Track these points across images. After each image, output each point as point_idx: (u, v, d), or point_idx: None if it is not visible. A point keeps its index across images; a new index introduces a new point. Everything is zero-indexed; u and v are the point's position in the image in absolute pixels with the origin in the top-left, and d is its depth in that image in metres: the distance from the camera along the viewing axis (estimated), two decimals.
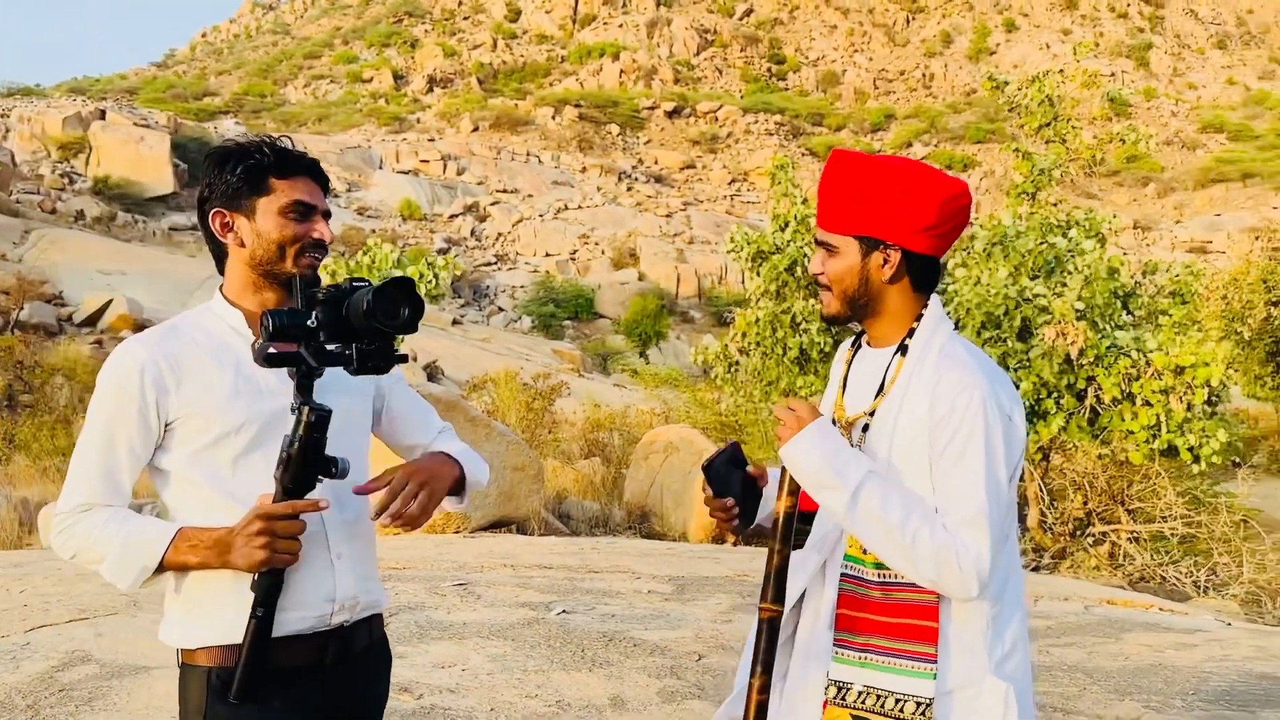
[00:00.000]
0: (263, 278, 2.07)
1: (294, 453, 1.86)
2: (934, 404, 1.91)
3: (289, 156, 2.07)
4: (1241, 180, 78.17)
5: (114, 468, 1.98)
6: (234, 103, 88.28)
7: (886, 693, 1.90)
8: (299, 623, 2.00)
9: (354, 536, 2.10)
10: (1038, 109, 13.26)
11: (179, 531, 1.93)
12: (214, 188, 2.07)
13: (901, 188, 1.95)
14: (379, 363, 1.89)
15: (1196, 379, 9.86)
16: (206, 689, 1.96)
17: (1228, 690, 5.06)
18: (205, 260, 21.04)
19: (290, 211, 2.04)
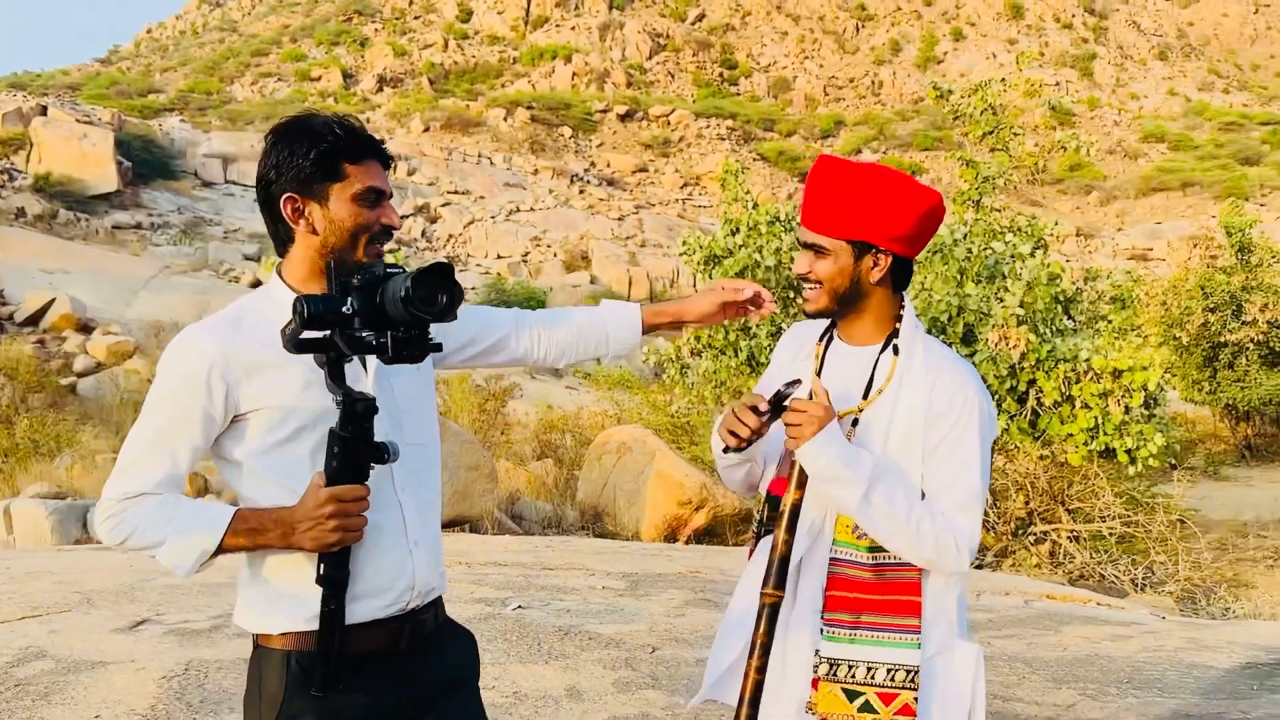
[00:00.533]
0: (330, 264, 1.98)
1: (343, 444, 1.83)
2: (932, 400, 2.08)
3: (360, 139, 2.00)
4: (1181, 189, 79.74)
5: (172, 460, 1.95)
6: (179, 100, 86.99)
7: (877, 664, 2.05)
8: (378, 610, 2.00)
9: (428, 522, 2.12)
10: (981, 117, 13.53)
11: (236, 514, 1.91)
12: (282, 170, 1.97)
13: (892, 196, 2.06)
14: (413, 351, 1.83)
15: (1134, 383, 10.15)
16: (285, 674, 1.95)
17: (1160, 679, 5.27)
18: (149, 259, 20.82)
19: (363, 198, 1.98)
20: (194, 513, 1.92)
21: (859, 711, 2.04)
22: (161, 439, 1.95)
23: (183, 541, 1.91)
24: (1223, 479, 20.96)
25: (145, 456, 1.95)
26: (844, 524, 2.09)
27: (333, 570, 1.89)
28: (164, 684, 4.65)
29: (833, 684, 2.05)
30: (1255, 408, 23.43)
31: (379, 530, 1.99)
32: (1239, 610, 9.96)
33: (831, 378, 2.17)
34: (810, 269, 2.13)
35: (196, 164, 55.23)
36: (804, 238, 2.14)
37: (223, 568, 6.48)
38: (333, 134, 1.97)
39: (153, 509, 1.93)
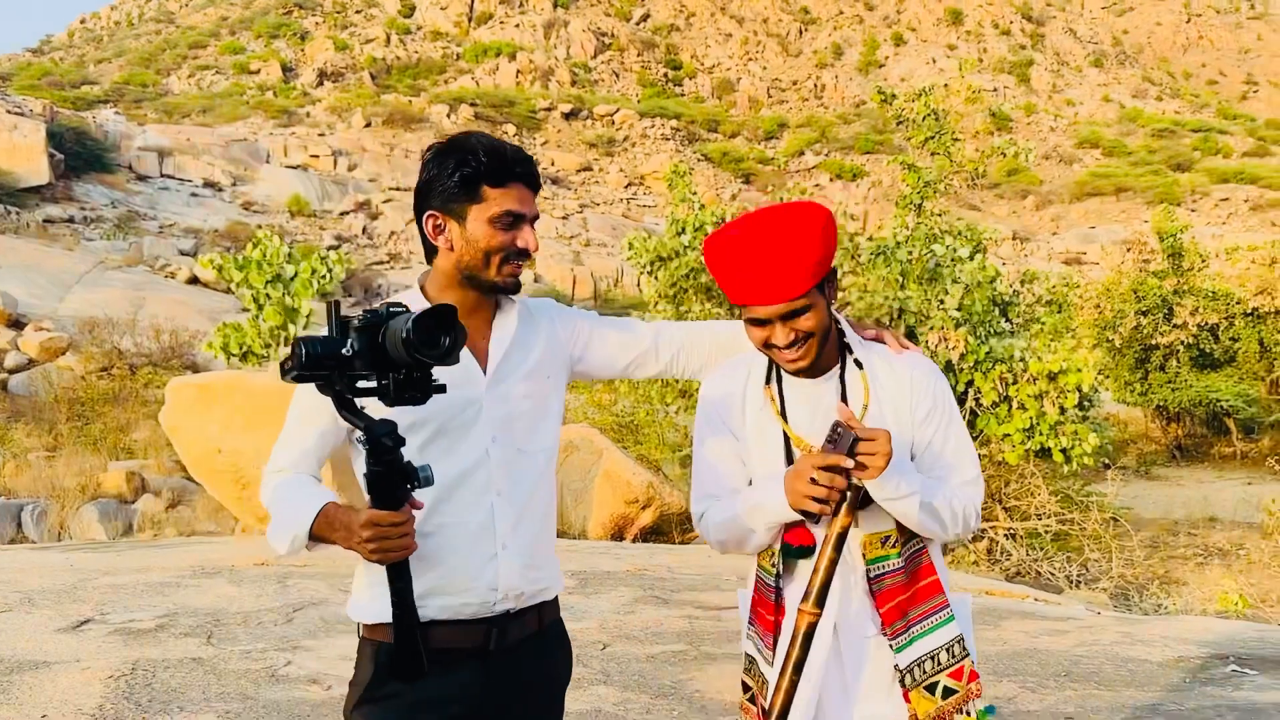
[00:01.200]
0: (465, 280, 2.11)
1: (373, 475, 1.84)
2: (915, 402, 2.19)
3: (504, 163, 2.07)
4: (1115, 194, 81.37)
5: (303, 443, 2.11)
6: (114, 92, 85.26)
7: (938, 649, 2.15)
8: (461, 609, 2.07)
9: (523, 524, 2.14)
10: (923, 122, 13.74)
11: (323, 508, 1.97)
12: (431, 187, 2.10)
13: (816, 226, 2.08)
14: (414, 393, 1.83)
15: (1068, 384, 10.38)
16: (374, 663, 2.06)
17: (1096, 671, 5.42)
18: (83, 254, 20.37)
19: (499, 221, 2.07)
20: (302, 499, 2.02)
21: (943, 699, 2.14)
22: (298, 425, 2.12)
23: (281, 525, 2.03)
24: (1154, 478, 21.46)
25: (286, 436, 2.13)
26: (870, 541, 2.16)
27: (393, 579, 1.91)
28: (111, 683, 4.61)
29: (917, 687, 2.14)
30: (1185, 409, 24.00)
31: (462, 530, 2.07)
32: (1171, 606, 10.22)
33: (802, 414, 2.18)
34: (794, 334, 2.10)
35: (131, 157, 54.28)
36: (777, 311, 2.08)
37: (168, 567, 6.39)
38: (478, 158, 2.05)
39: (281, 487, 2.09)
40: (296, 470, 2.12)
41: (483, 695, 2.08)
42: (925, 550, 2.19)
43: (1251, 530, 15.08)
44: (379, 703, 2.05)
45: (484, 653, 2.09)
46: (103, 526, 11.32)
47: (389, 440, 1.81)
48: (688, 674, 5.14)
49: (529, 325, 2.23)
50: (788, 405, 2.20)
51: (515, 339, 2.17)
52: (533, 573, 2.15)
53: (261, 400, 9.68)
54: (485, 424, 2.10)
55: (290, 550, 2.03)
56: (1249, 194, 78.74)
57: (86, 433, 16.91)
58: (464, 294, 2.13)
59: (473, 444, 2.09)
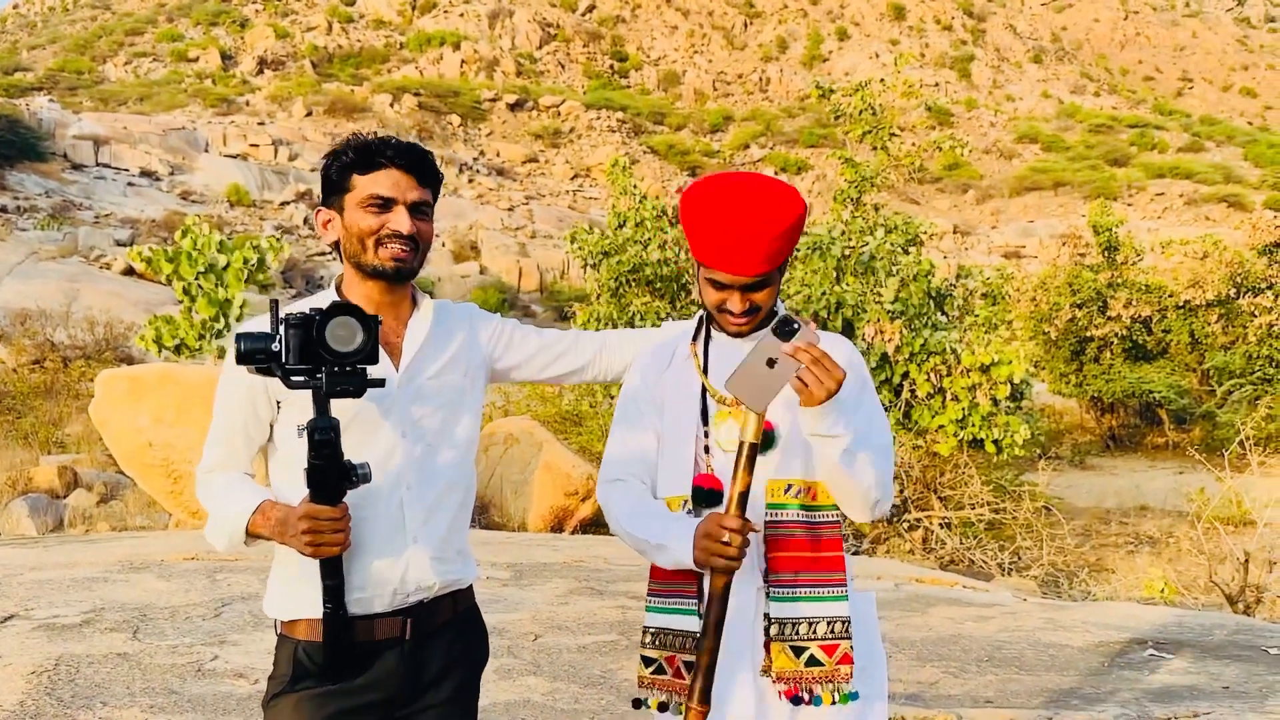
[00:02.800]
0: (356, 270, 2.19)
1: (312, 469, 1.89)
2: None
3: (371, 151, 2.15)
4: (1053, 189, 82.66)
5: (231, 441, 2.18)
6: (48, 79, 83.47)
7: (818, 619, 2.18)
8: (376, 602, 2.11)
9: (433, 518, 2.19)
10: (861, 117, 13.87)
11: (259, 505, 2.05)
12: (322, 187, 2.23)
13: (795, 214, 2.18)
14: (348, 387, 1.89)
15: (1000, 376, 10.57)
16: (292, 660, 2.11)
17: (1018, 657, 5.54)
18: (15, 244, 19.96)
19: (368, 205, 2.13)
20: (236, 498, 2.09)
21: (805, 666, 2.17)
22: (222, 421, 2.19)
23: (217, 523, 2.10)
24: (1088, 468, 21.86)
25: (214, 435, 2.20)
26: (774, 487, 2.21)
27: (326, 578, 1.97)
28: (33, 679, 4.55)
29: (781, 643, 2.17)
30: (1119, 400, 24.45)
31: (372, 525, 2.10)
32: (1098, 593, 10.44)
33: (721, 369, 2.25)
34: (749, 303, 2.22)
35: (66, 146, 53.18)
36: (741, 281, 2.18)
37: (96, 562, 6.32)
38: (347, 150, 2.17)
39: (214, 486, 2.16)
40: (227, 468, 2.18)
41: (399, 682, 2.12)
42: (837, 525, 2.24)
43: (1181, 519, 15.43)
44: (297, 694, 2.08)
45: (400, 642, 2.13)
46: (33, 522, 11.12)
47: (331, 434, 1.86)
48: (618, 663, 5.18)
49: (445, 323, 2.29)
50: (710, 363, 2.29)
51: (429, 336, 2.22)
52: (443, 565, 2.19)
53: (193, 392, 9.57)
54: (396, 419, 2.14)
55: (228, 548, 2.10)
56: (1183, 189, 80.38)
57: (17, 426, 16.59)
58: (368, 288, 2.19)
59: (383, 439, 2.13)
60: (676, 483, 2.25)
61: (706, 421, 2.25)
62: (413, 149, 2.19)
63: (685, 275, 13.08)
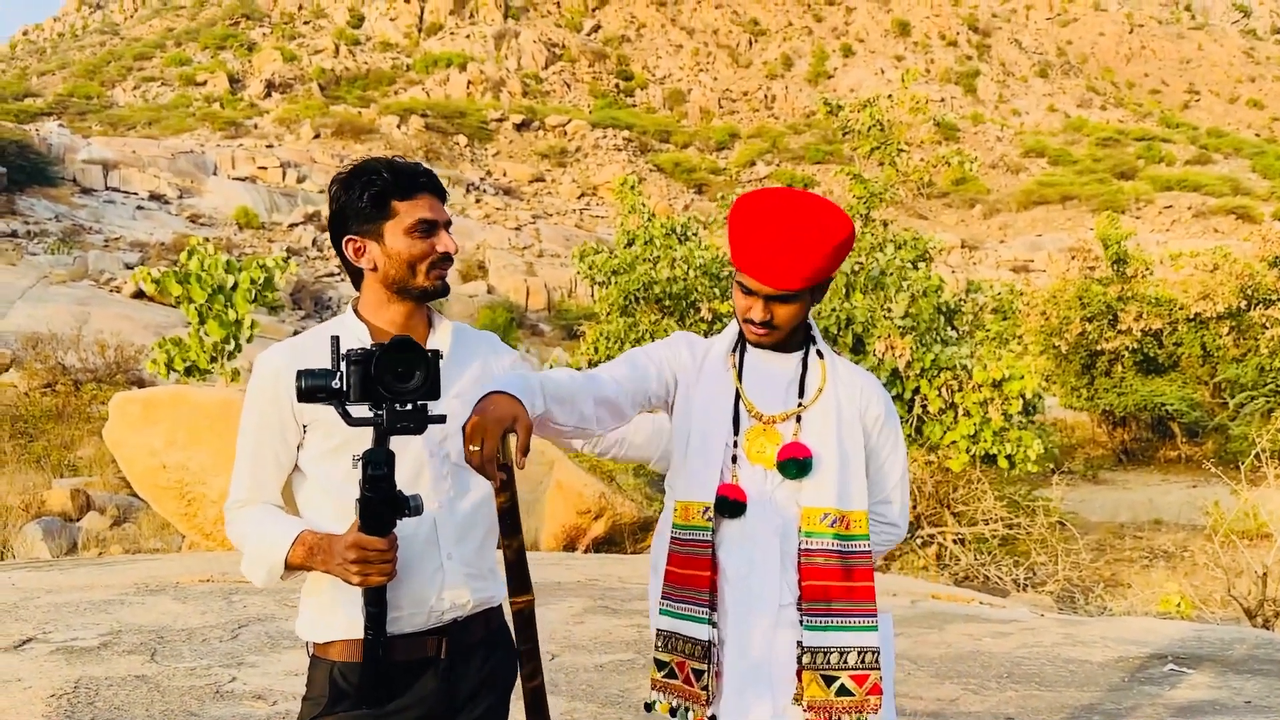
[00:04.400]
0: (396, 294, 2.18)
1: (363, 501, 1.89)
2: (867, 405, 2.32)
3: (407, 176, 2.16)
4: (1060, 202, 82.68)
5: (259, 469, 2.15)
6: (58, 104, 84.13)
7: (849, 649, 2.20)
8: (409, 622, 2.11)
9: (466, 536, 2.20)
10: (868, 133, 13.89)
11: (299, 535, 2.05)
12: (345, 215, 2.18)
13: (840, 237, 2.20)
14: (408, 423, 1.88)
15: (1012, 391, 10.53)
16: (328, 681, 2.11)
17: (1037, 673, 5.51)
18: (26, 269, 19.94)
19: (415, 230, 2.14)
20: (270, 529, 2.09)
21: (836, 695, 2.18)
22: (250, 449, 2.17)
23: (256, 556, 2.09)
24: (1101, 482, 21.77)
25: (240, 466, 2.17)
26: (810, 515, 2.22)
27: (370, 604, 1.98)
28: (52, 702, 4.55)
29: (813, 671, 2.18)
30: (1131, 413, 24.35)
31: (408, 544, 2.09)
32: (1115, 608, 10.38)
33: (757, 383, 2.30)
34: (769, 316, 2.23)
35: (75, 170, 53.50)
36: (767, 291, 2.21)
37: (112, 585, 6.32)
38: (381, 177, 2.14)
39: (247, 520, 2.13)
40: (257, 501, 2.16)
41: (435, 701, 2.14)
42: (869, 555, 2.25)
43: (1196, 533, 15.36)
44: (336, 717, 2.10)
45: (435, 661, 2.15)
46: (46, 545, 11.13)
47: (385, 469, 1.87)
48: (635, 683, 5.16)
49: (465, 345, 2.30)
50: (746, 371, 2.31)
51: (450, 356, 2.23)
52: (476, 583, 2.21)
53: (206, 415, 9.58)
54: (422, 439, 2.13)
55: (266, 581, 2.09)
56: (1191, 201, 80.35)
57: (30, 450, 16.62)
58: (394, 311, 2.20)
59: (411, 459, 2.12)
60: (700, 488, 2.26)
61: (737, 431, 2.26)
62: (431, 172, 2.23)
63: (694, 293, 13.09)
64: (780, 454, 2.22)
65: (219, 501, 9.69)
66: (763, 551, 2.22)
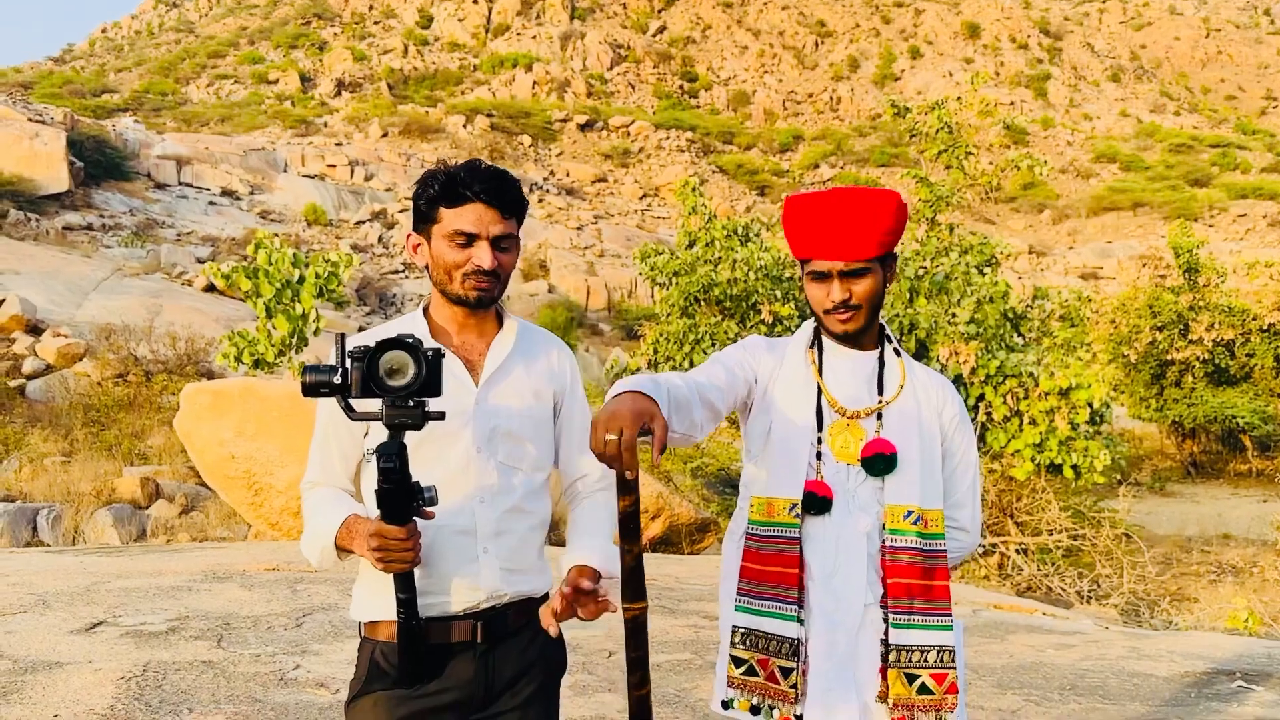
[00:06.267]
0: (443, 295, 2.26)
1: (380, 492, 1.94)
2: (945, 407, 2.35)
3: (455, 185, 2.20)
4: (1132, 209, 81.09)
5: (327, 457, 2.26)
6: (134, 100, 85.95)
7: (930, 647, 2.21)
8: (444, 606, 2.18)
9: (506, 532, 2.25)
10: (936, 136, 13.75)
11: (345, 520, 2.12)
12: (414, 211, 2.30)
13: (893, 205, 2.25)
14: (405, 420, 1.92)
15: (1080, 400, 10.36)
16: (370, 660, 2.19)
17: (1101, 686, 5.42)
18: (100, 261, 20.42)
19: (452, 240, 2.21)
20: (327, 513, 2.16)
21: (917, 694, 2.19)
22: (320, 439, 2.28)
23: (312, 538, 2.17)
24: (1168, 495, 21.36)
25: (314, 451, 2.28)
26: (894, 512, 2.23)
27: (399, 591, 2.05)
28: (122, 684, 4.66)
29: (897, 670, 2.19)
30: (1201, 425, 23.89)
31: (447, 532, 2.17)
32: (1181, 623, 10.18)
33: (836, 380, 2.32)
34: (849, 294, 2.25)
35: (150, 165, 54.58)
36: (838, 267, 2.24)
37: (180, 571, 6.45)
38: (436, 180, 2.22)
39: (313, 502, 2.23)
40: (326, 483, 2.26)
41: (473, 684, 2.19)
42: (946, 555, 2.27)
43: (1266, 548, 15.01)
44: (374, 695, 2.16)
45: (473, 645, 2.20)
46: (116, 531, 11.40)
47: (394, 461, 1.90)
48: (692, 683, 5.17)
49: (529, 347, 2.34)
50: (825, 369, 2.33)
51: (511, 356, 2.28)
52: (514, 576, 2.25)
53: (274, 408, 9.74)
54: (471, 435, 2.20)
55: (320, 561, 2.17)
56: (1267, 210, 78.36)
57: (102, 438, 17.02)
58: (455, 311, 2.28)
59: (459, 453, 2.20)
60: (786, 485, 2.26)
61: (820, 427, 2.26)
62: (499, 181, 2.23)
63: (755, 295, 13.05)
64: (865, 449, 2.23)
65: (285, 492, 9.85)
66: (849, 549, 2.23)
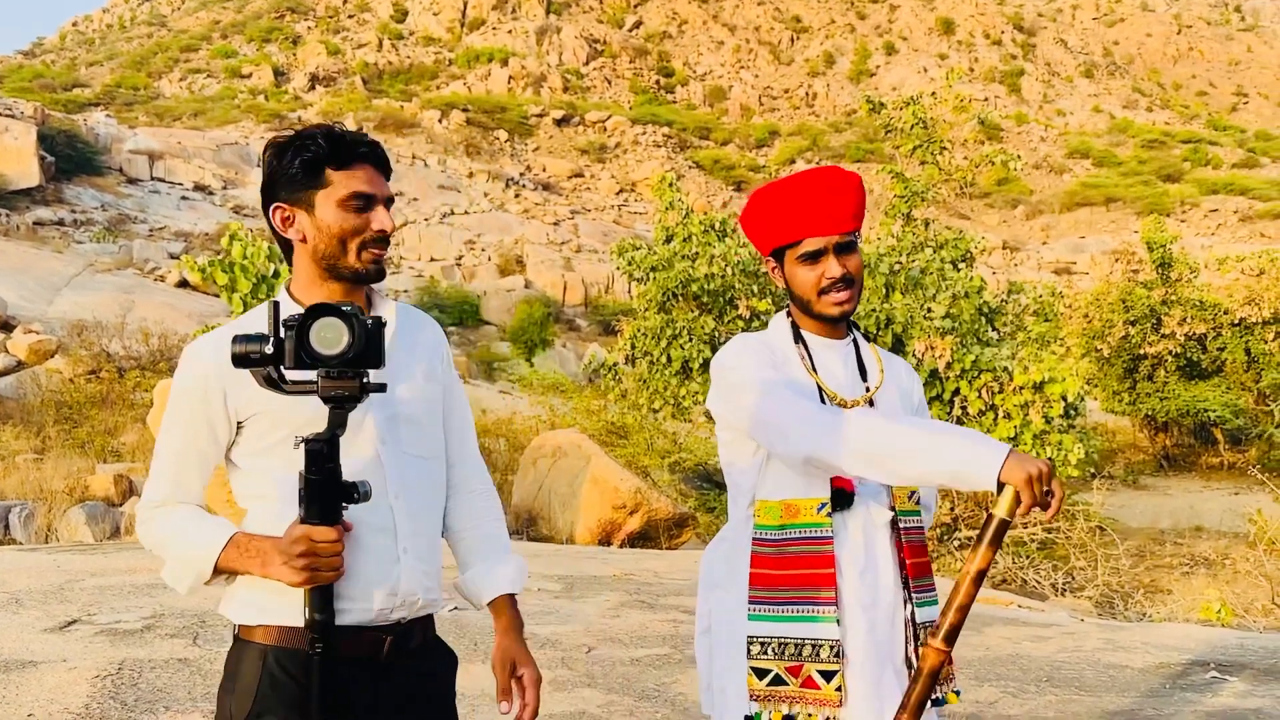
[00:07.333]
0: (326, 271, 2.03)
1: (309, 485, 1.77)
2: (912, 385, 2.42)
3: (345, 144, 2.01)
4: (1105, 204, 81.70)
5: (182, 468, 2.00)
6: (105, 94, 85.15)
7: (931, 620, 2.23)
8: (360, 614, 1.96)
9: (422, 531, 2.07)
10: (911, 131, 13.80)
11: (231, 538, 1.91)
12: (273, 181, 2.03)
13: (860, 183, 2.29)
14: (342, 392, 1.76)
15: (1054, 394, 10.44)
16: (262, 669, 1.93)
17: (1077, 677, 5.46)
18: (72, 257, 20.28)
19: (349, 204, 2.00)
20: (196, 534, 1.94)
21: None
22: (174, 447, 2.01)
23: (181, 563, 1.95)
24: (1142, 488, 21.55)
25: (161, 465, 2.01)
26: (902, 495, 2.26)
27: (316, 611, 1.83)
28: (97, 683, 4.62)
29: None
30: (1173, 419, 24.10)
31: (367, 531, 1.97)
32: (1155, 615, 10.27)
33: (829, 371, 2.31)
34: (845, 269, 2.24)
35: (122, 160, 54.15)
36: (834, 240, 2.22)
37: (154, 569, 6.43)
38: (315, 142, 1.99)
39: (170, 522, 1.98)
40: (178, 501, 2.01)
41: (373, 705, 1.98)
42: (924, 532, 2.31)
43: (1238, 540, 15.16)
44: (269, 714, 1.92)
45: (375, 662, 1.99)
46: (90, 529, 11.31)
47: (324, 447, 1.74)
48: (672, 677, 5.17)
49: (410, 325, 2.17)
50: (815, 361, 2.32)
51: (396, 336, 2.09)
52: (428, 580, 2.07)
53: None
54: (371, 425, 2.01)
55: (191, 589, 1.95)
56: (1238, 205, 79.14)
57: (74, 435, 16.88)
58: (328, 292, 2.04)
59: (363, 446, 2.00)
60: (811, 484, 2.21)
61: None
62: (376, 142, 2.07)
63: (732, 290, 13.07)
64: None
65: None
66: (876, 539, 2.22)
